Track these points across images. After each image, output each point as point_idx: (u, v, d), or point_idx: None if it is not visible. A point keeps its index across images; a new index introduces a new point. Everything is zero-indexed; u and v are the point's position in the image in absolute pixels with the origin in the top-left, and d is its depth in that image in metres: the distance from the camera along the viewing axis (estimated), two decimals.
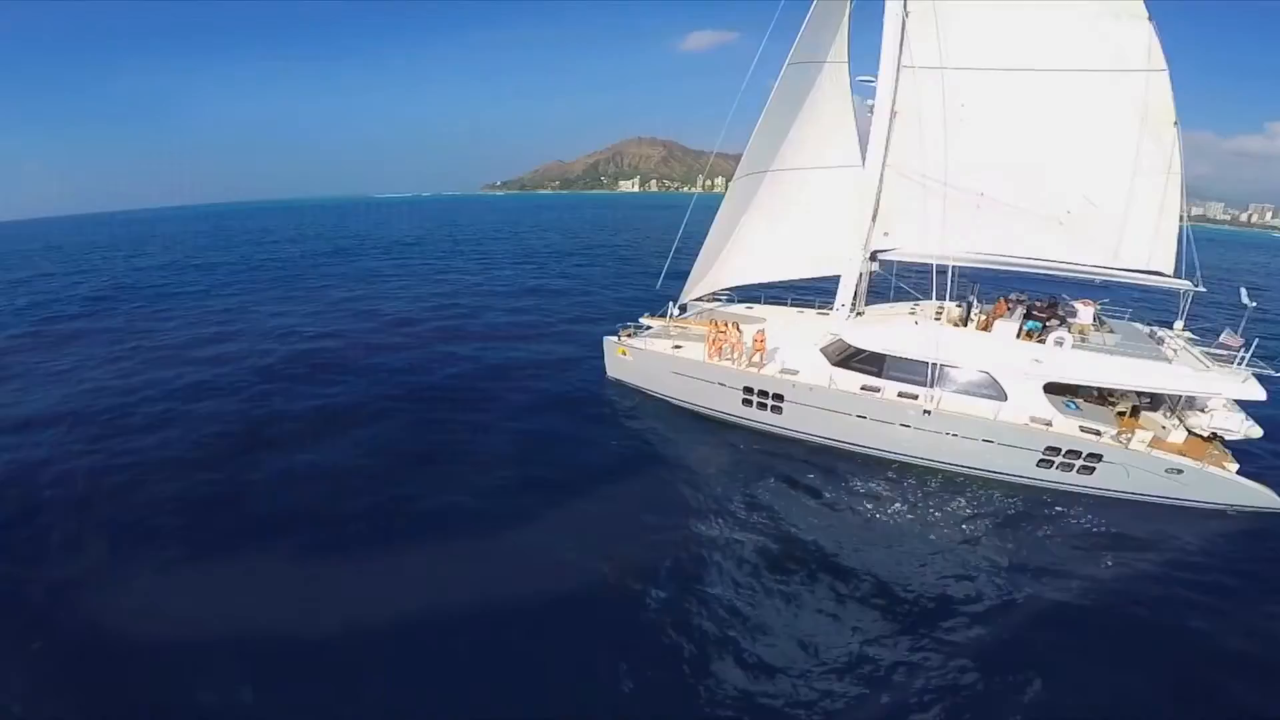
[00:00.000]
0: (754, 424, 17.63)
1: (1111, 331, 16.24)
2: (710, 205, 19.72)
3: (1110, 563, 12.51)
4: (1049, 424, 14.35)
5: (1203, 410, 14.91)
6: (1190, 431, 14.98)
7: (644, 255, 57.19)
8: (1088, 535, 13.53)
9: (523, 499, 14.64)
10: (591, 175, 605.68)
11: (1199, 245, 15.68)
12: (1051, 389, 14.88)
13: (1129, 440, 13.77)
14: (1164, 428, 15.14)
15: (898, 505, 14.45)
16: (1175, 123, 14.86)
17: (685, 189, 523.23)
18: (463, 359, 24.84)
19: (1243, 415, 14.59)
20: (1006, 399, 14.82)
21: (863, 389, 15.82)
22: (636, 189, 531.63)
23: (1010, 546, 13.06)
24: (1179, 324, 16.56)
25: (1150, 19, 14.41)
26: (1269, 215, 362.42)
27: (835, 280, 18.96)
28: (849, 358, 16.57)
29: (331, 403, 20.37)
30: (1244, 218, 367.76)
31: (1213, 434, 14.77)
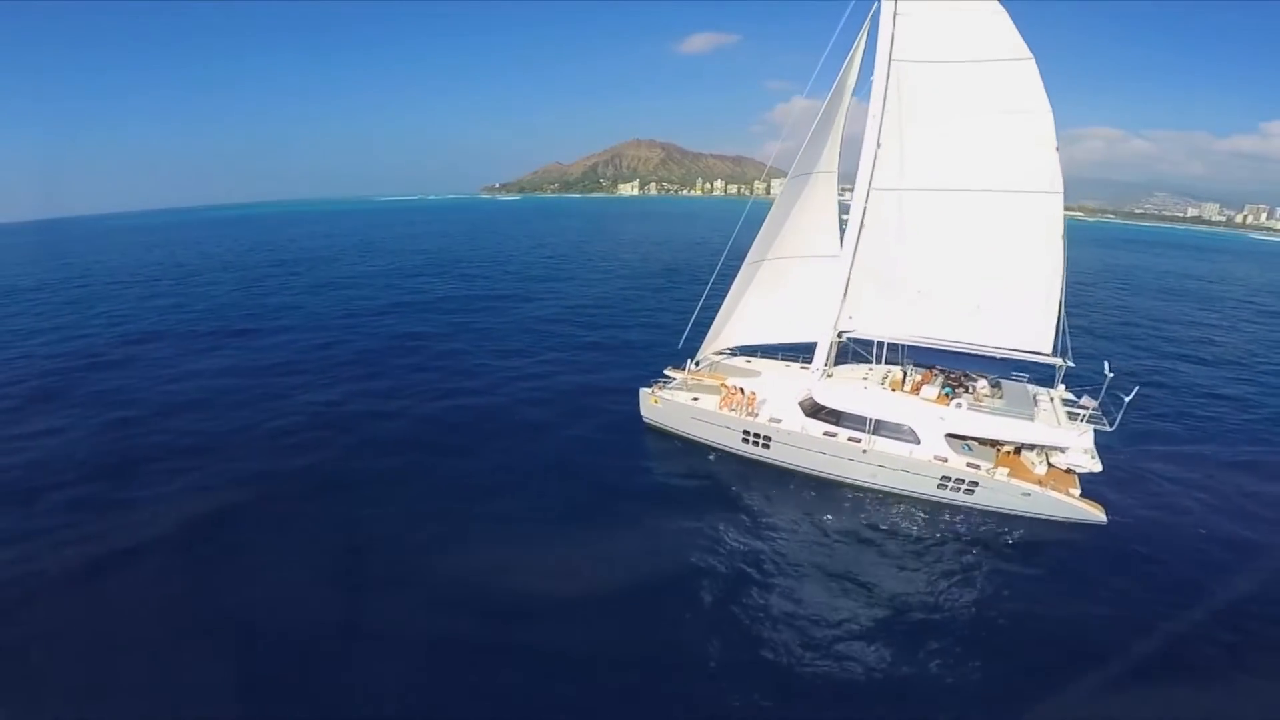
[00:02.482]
0: (750, 456, 24.36)
1: (1002, 396, 22.87)
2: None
3: (974, 554, 19.37)
4: (946, 460, 21.16)
5: (1062, 452, 21.46)
6: (1051, 465, 21.75)
7: None
8: (962, 533, 20.29)
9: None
10: (590, 178, 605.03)
11: (1190, 251, 21.21)
12: (952, 436, 21.67)
13: (994, 473, 20.60)
14: (1034, 463, 21.91)
15: (841, 515, 21.27)
16: (1063, 235, 20.61)
17: (684, 191, 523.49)
18: None
19: (1090, 455, 20.81)
20: (919, 443, 21.58)
21: (824, 434, 22.63)
22: (636, 192, 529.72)
23: (911, 541, 19.95)
24: (1060, 387, 23.04)
25: (1057, 149, 19.49)
26: (1264, 216, 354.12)
27: (813, 343, 25.16)
28: (817, 411, 23.33)
29: None
30: (1239, 219, 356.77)
31: (1068, 468, 21.49)
